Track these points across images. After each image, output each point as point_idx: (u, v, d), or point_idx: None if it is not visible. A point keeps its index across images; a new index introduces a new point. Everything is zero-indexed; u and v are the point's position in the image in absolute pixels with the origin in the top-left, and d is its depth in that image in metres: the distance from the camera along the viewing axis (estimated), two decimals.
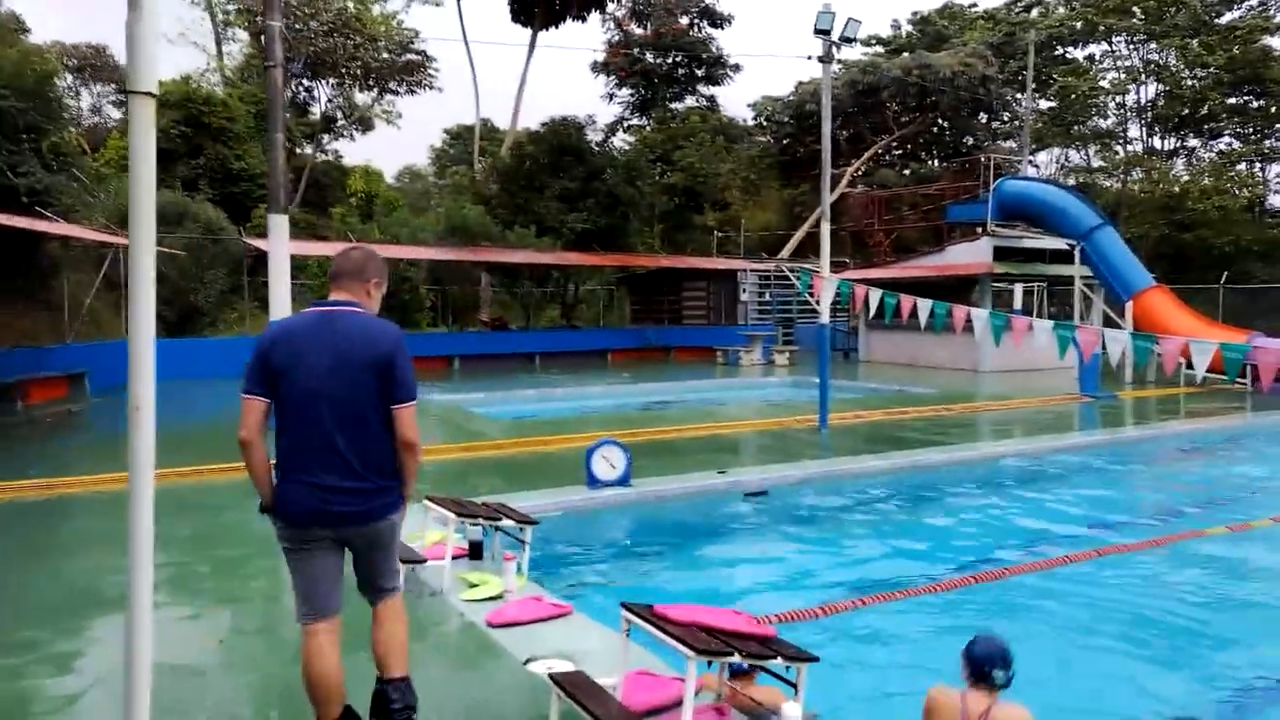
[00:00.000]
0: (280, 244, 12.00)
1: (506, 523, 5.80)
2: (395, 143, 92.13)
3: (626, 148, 39.31)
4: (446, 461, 10.64)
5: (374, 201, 28.50)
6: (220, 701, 4.13)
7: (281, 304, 12.03)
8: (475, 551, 6.18)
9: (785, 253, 34.68)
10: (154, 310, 2.33)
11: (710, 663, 3.40)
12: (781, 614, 5.74)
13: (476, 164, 36.27)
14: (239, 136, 28.78)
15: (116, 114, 42.15)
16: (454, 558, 5.68)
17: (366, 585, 3.63)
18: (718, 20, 40.01)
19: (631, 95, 41.74)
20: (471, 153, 38.76)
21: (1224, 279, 25.89)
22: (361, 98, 39.78)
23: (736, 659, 3.39)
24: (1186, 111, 36.68)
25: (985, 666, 3.42)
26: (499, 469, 10.09)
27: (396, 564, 3.65)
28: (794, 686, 3.52)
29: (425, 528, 6.17)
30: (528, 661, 4.43)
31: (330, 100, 39.13)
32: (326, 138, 40.49)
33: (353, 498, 3.35)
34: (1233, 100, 35.79)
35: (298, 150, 35.76)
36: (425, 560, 5.59)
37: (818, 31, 12.39)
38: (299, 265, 26.38)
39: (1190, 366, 9.83)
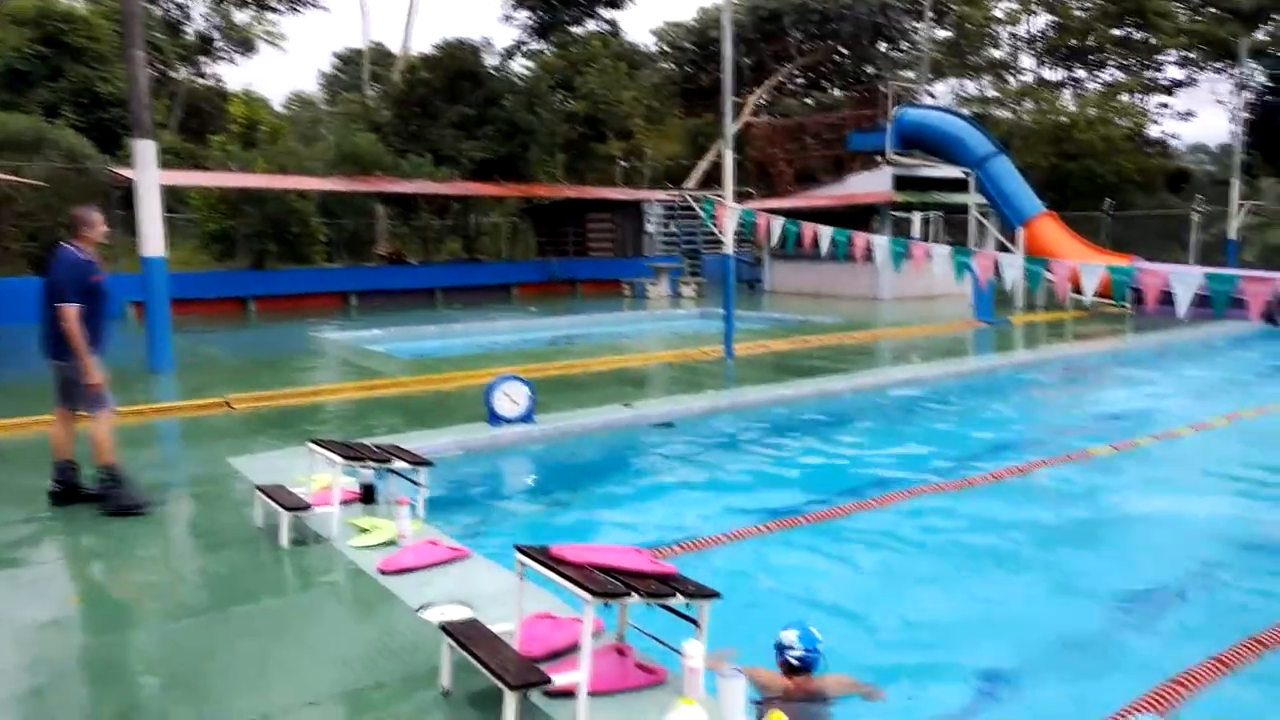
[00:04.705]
0: (148, 172, 11.11)
1: (399, 464, 5.52)
2: (283, 67, 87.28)
3: (526, 73, 38.04)
4: (342, 401, 10.20)
5: (257, 129, 26.80)
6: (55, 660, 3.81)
7: (153, 238, 11.21)
8: (368, 495, 5.88)
9: (690, 183, 34.42)
10: None
11: (608, 604, 3.26)
12: (684, 543, 5.69)
13: (367, 90, 34.56)
14: (104, 57, 26.55)
15: None
16: (343, 503, 5.38)
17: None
18: None
19: (530, 18, 40.24)
20: (363, 78, 36.91)
21: (1108, 207, 26.95)
22: (240, 16, 37.25)
23: (636, 599, 3.25)
24: (1075, 42, 37.60)
25: (780, 654, 3.72)
26: (397, 408, 9.72)
27: (87, 397, 5.91)
28: (696, 623, 3.42)
29: (312, 471, 5.82)
30: (421, 609, 4.22)
31: (206, 18, 36.52)
32: (204, 60, 37.89)
33: (52, 352, 5.91)
34: (1117, 32, 36.81)
35: (170, 73, 33.35)
36: (310, 506, 5.27)
37: None
38: (179, 197, 24.80)
39: (1079, 291, 10.08)
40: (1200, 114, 47.29)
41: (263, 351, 15.10)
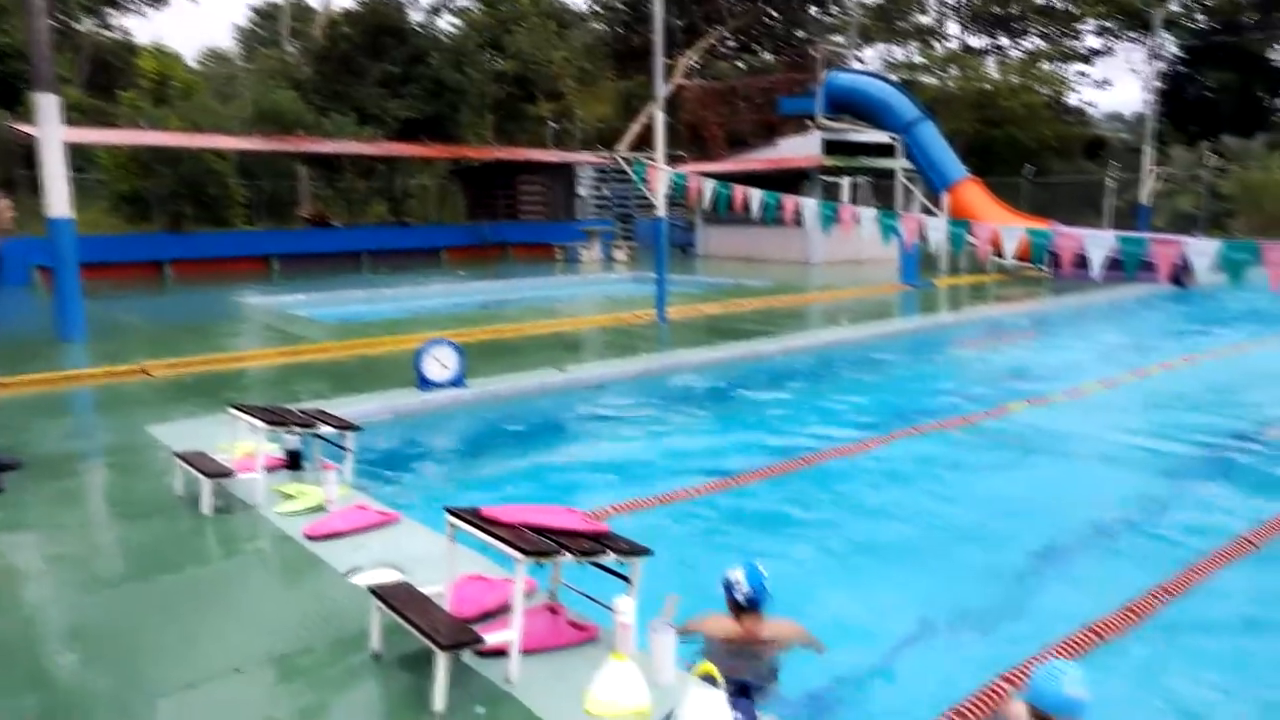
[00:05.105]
0: (51, 128, 10.55)
1: (325, 429, 5.41)
2: (195, 21, 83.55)
3: (453, 31, 37.10)
4: (265, 367, 9.94)
5: (169, 85, 25.61)
6: None
7: (58, 198, 10.68)
8: (294, 462, 5.75)
9: (622, 146, 34.15)
10: None
11: (540, 563, 3.26)
12: (618, 504, 5.73)
13: (287, 46, 33.30)
14: (2, 8, 25.03)
15: None
16: (268, 469, 5.26)
17: None
18: None
19: None
20: (281, 34, 35.55)
21: (1027, 173, 27.67)
22: None
23: (568, 558, 3.27)
24: (998, 10, 38.25)
25: (728, 593, 3.74)
26: (323, 374, 9.51)
27: None
28: (628, 581, 3.45)
29: (235, 438, 5.67)
30: (350, 574, 4.17)
31: None
32: (110, 12, 36.01)
33: None
34: (1039, 0, 37.58)
35: (74, 25, 31.62)
36: (233, 472, 5.14)
37: None
38: (87, 156, 23.63)
39: (1000, 254, 10.38)
40: (1116, 83, 48.71)
41: (181, 317, 14.60)
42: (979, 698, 3.49)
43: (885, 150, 22.62)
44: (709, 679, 2.93)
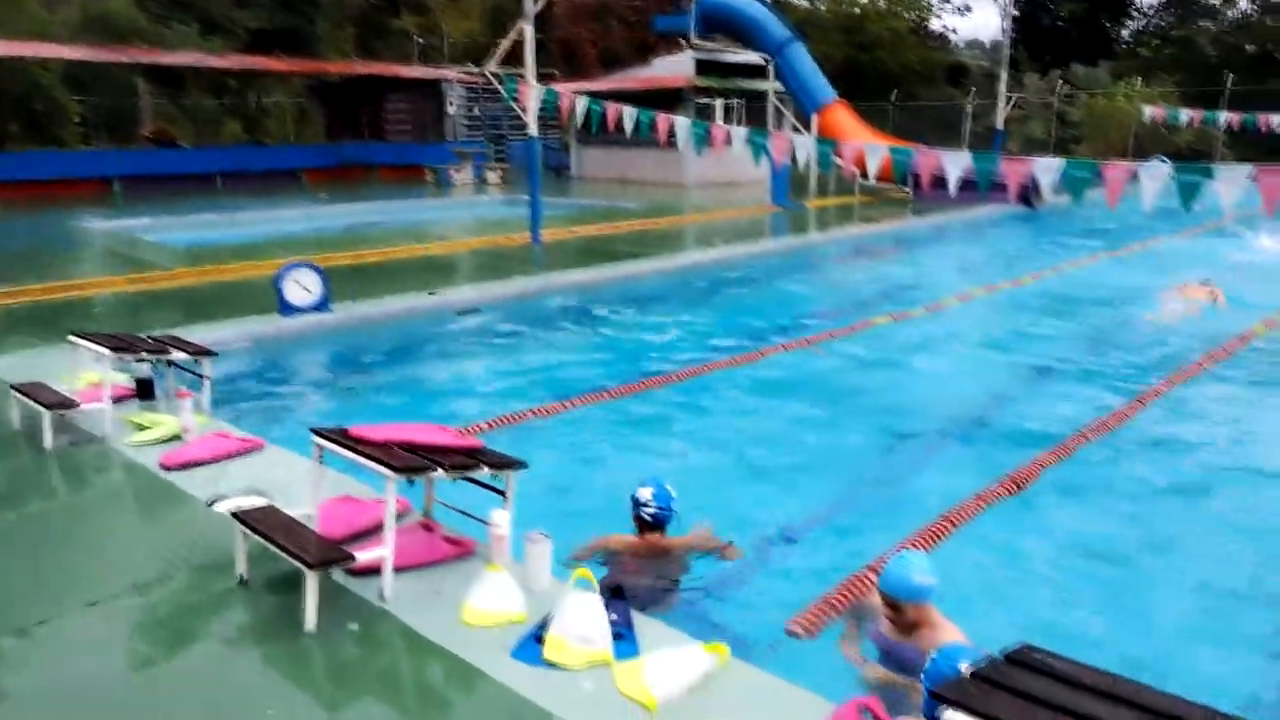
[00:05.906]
0: None
1: (179, 356, 5.12)
2: None
3: None
4: (110, 295, 9.31)
5: None
6: None
7: None
8: (145, 391, 5.44)
9: (491, 64, 32.97)
10: None
11: (412, 480, 3.21)
12: (492, 420, 5.71)
13: None
14: None
15: None
16: (116, 399, 4.94)
17: None
18: None
19: None
20: None
21: (894, 97, 28.38)
22: None
23: (440, 474, 3.23)
24: None
25: (634, 509, 3.85)
26: (176, 301, 8.97)
27: None
28: (503, 494, 3.45)
29: (78, 368, 5.29)
30: (212, 502, 4.00)
31: None
32: None
33: None
34: None
35: None
36: (78, 403, 4.81)
37: None
38: None
39: (864, 174, 10.66)
40: (976, 10, 50.27)
41: (9, 243, 13.39)
42: (845, 588, 3.70)
43: (757, 72, 22.67)
44: (584, 583, 2.99)
